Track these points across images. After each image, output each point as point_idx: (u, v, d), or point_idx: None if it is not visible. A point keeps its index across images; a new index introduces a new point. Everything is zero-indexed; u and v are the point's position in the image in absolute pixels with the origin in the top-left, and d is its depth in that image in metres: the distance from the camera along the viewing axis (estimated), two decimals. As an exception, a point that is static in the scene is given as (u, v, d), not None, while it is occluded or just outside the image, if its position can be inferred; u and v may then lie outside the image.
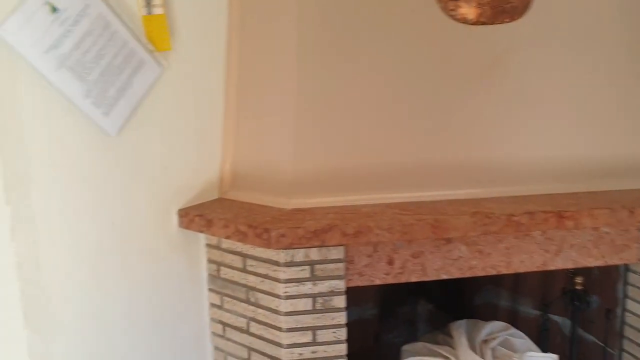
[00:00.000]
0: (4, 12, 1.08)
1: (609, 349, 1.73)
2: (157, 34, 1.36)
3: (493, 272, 1.48)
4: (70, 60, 1.18)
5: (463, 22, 1.56)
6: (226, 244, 1.48)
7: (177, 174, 1.48)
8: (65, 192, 1.22)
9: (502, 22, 1.58)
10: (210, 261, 1.54)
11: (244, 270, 1.44)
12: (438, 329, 1.76)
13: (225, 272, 1.49)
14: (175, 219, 1.47)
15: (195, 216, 1.43)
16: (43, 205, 1.17)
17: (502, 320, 1.77)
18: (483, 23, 1.57)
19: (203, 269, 1.55)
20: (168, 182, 1.45)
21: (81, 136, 1.24)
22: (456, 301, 2.00)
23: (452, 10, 1.56)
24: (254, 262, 1.42)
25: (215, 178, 1.59)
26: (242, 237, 1.33)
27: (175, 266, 1.49)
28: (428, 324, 1.99)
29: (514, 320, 1.84)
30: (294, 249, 1.33)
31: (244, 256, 1.44)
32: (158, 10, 1.36)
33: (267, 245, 1.29)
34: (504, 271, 1.48)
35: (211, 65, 1.56)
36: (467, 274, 1.47)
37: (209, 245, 1.53)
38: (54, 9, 1.15)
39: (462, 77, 1.55)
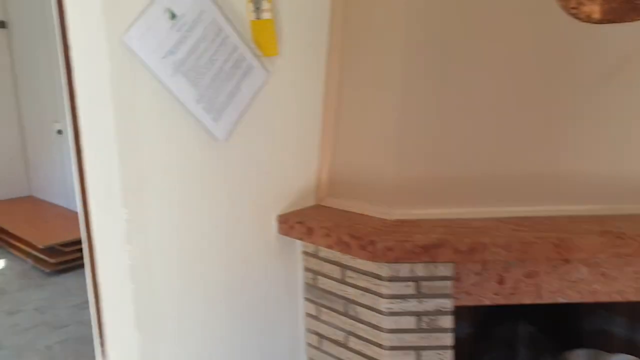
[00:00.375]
0: (129, 19, 1.10)
1: None
2: (264, 39, 1.35)
3: (618, 299, 1.33)
4: (185, 65, 1.19)
5: (586, 21, 1.42)
6: (324, 252, 1.44)
7: (277, 180, 1.46)
8: (176, 196, 1.23)
9: (632, 21, 1.42)
10: (306, 269, 1.50)
11: (342, 281, 1.39)
12: (551, 357, 1.61)
13: (323, 282, 1.45)
14: (274, 224, 1.46)
15: (295, 223, 1.40)
16: (156, 209, 1.19)
17: (619, 352, 1.60)
18: (610, 21, 1.43)
19: (299, 277, 1.52)
20: (268, 187, 1.44)
21: (191, 141, 1.25)
22: (561, 325, 1.83)
23: (574, 8, 1.43)
24: (353, 274, 1.36)
25: (312, 184, 1.56)
26: (345, 248, 1.28)
27: (272, 272, 1.47)
28: (529, 347, 1.84)
29: (633, 352, 1.65)
30: (399, 263, 1.26)
31: (343, 267, 1.39)
32: (266, 15, 1.35)
33: (372, 258, 1.23)
34: (633, 298, 1.32)
35: (312, 70, 1.53)
36: (588, 299, 1.33)
37: (305, 253, 1.50)
38: (173, 16, 1.16)
39: (583, 82, 1.41)
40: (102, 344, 1.29)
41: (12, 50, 5.15)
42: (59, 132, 4.77)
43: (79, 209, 1.29)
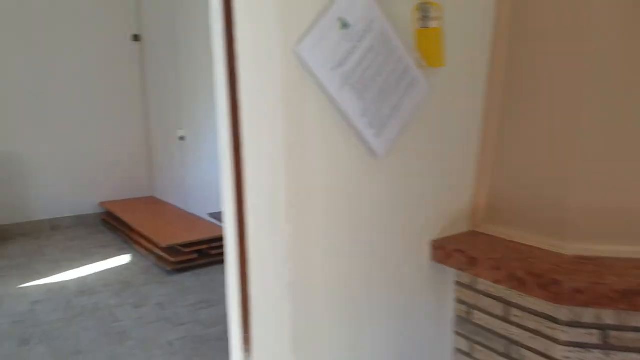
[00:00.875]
0: (302, 29, 1.06)
1: None
2: (430, 49, 1.26)
3: None
4: (353, 77, 1.13)
5: None
6: (483, 285, 1.30)
7: (431, 202, 1.35)
8: (335, 213, 1.16)
9: None
10: (459, 301, 1.37)
11: (505, 319, 1.24)
12: None
13: (479, 317, 1.31)
14: (427, 250, 1.35)
15: (453, 251, 1.28)
16: (316, 227, 1.13)
17: None
18: None
19: (450, 309, 1.39)
20: (422, 209, 1.33)
21: (351, 157, 1.18)
22: None
23: None
24: (520, 313, 1.21)
25: (467, 208, 1.43)
26: (518, 285, 1.13)
27: (422, 301, 1.35)
28: None
29: None
30: (583, 307, 1.09)
31: (507, 303, 1.24)
32: (434, 24, 1.25)
33: (556, 300, 1.07)
34: None
35: (473, 85, 1.40)
36: None
37: (459, 284, 1.37)
38: (345, 25, 1.10)
39: None
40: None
41: (143, 62, 5.60)
42: (181, 138, 5.07)
43: (231, 220, 1.27)
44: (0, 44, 4.84)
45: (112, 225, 5.16)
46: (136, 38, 5.57)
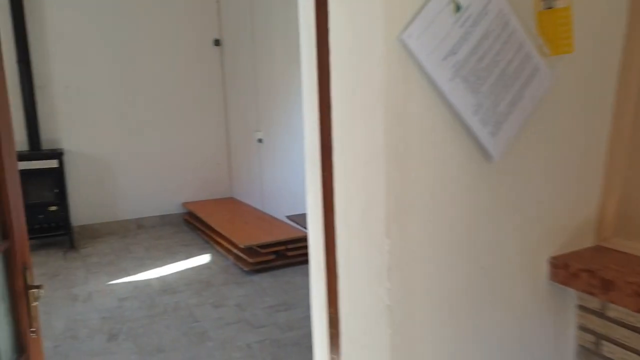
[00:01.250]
0: (408, 15, 0.93)
1: None
2: (556, 33, 1.07)
3: None
4: (466, 68, 0.98)
5: None
6: (616, 312, 1.09)
7: (551, 212, 1.16)
8: (441, 225, 1.02)
9: None
10: (583, 329, 1.17)
11: (649, 356, 1.03)
12: None
13: (611, 350, 1.10)
14: (544, 268, 1.16)
15: (580, 270, 1.08)
16: (419, 241, 0.99)
17: None
18: None
19: (570, 337, 1.19)
20: (540, 221, 1.15)
21: (461, 159, 1.03)
22: None
23: None
24: (671, 351, 0.99)
25: (593, 220, 1.22)
26: (673, 317, 0.92)
27: (537, 327, 1.17)
28: None
29: None
30: None
31: (651, 337, 1.02)
32: (561, 3, 1.06)
33: None
34: None
35: (602, 72, 1.19)
36: None
37: (583, 308, 1.17)
38: (458, 8, 0.95)
39: None
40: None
41: (223, 66, 5.71)
42: (259, 140, 5.09)
43: (318, 233, 1.16)
44: (88, 51, 5.13)
45: (194, 225, 5.30)
46: (217, 42, 5.69)
